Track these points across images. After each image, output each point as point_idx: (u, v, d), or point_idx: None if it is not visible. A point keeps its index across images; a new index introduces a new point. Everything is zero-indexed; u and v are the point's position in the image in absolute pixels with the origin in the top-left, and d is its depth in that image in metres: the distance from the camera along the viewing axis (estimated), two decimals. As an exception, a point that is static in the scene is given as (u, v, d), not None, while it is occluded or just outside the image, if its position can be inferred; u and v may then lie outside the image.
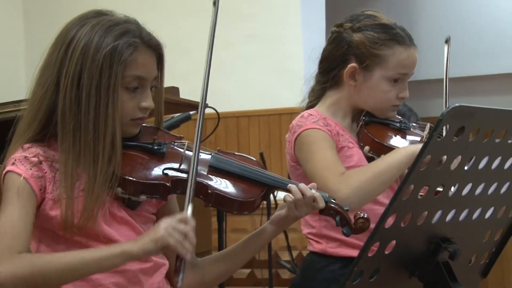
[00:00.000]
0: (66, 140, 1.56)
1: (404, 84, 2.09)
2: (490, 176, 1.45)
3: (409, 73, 2.08)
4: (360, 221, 1.62)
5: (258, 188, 1.64)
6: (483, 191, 1.46)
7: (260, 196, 1.63)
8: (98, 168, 1.54)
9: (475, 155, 1.39)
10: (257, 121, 5.61)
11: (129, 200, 1.60)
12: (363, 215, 1.62)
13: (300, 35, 5.52)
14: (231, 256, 1.76)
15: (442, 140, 1.30)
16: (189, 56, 5.69)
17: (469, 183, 1.42)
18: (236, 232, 4.38)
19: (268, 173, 1.68)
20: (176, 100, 2.82)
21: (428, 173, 1.32)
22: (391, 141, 2.07)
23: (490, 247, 1.62)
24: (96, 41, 1.56)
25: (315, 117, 2.05)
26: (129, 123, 1.62)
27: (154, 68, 1.64)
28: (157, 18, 5.42)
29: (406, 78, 2.09)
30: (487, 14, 7.32)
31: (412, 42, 2.08)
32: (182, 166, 1.61)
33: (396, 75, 2.06)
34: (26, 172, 1.53)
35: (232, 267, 1.77)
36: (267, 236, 1.71)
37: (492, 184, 1.47)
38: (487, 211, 1.52)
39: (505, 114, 1.40)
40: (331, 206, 1.64)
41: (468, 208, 1.47)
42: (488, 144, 1.38)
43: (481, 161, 1.40)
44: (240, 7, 5.71)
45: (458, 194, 1.41)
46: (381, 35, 2.05)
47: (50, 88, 1.58)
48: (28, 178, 1.52)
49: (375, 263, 1.39)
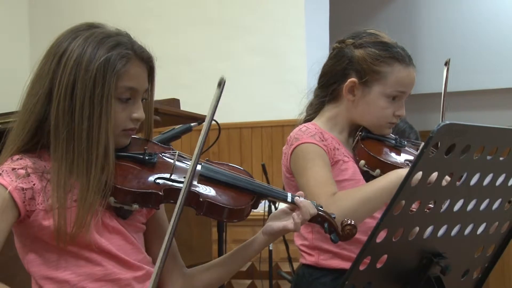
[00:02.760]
0: (59, 149, 1.58)
1: (402, 102, 2.12)
2: (482, 192, 1.46)
3: (407, 92, 2.12)
4: (347, 228, 1.65)
5: (248, 196, 1.67)
6: (475, 207, 1.47)
7: (250, 204, 1.67)
8: (91, 177, 1.56)
9: (466, 171, 1.40)
10: (260, 132, 5.63)
11: (121, 209, 1.63)
12: (350, 221, 1.65)
13: (304, 48, 5.55)
14: (221, 265, 1.77)
15: (434, 157, 1.31)
16: (192, 67, 5.73)
17: (460, 199, 1.44)
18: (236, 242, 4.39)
19: (257, 181, 1.71)
20: (177, 112, 2.85)
21: (420, 189, 1.34)
22: (387, 156, 2.09)
23: (483, 262, 1.63)
24: (89, 53, 1.58)
25: (312, 131, 2.07)
26: (121, 133, 1.65)
27: (146, 80, 1.67)
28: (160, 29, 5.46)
29: (403, 96, 2.12)
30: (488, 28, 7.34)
31: (411, 62, 2.12)
32: (173, 176, 1.64)
33: (394, 92, 2.09)
34: (11, 183, 1.54)
35: (222, 276, 1.78)
36: (257, 246, 1.73)
37: (484, 200, 1.48)
38: (479, 227, 1.53)
39: (496, 132, 1.42)
40: (318, 214, 1.67)
41: (460, 223, 1.48)
42: (480, 161, 1.40)
43: (472, 177, 1.42)
44: (245, 19, 5.75)
45: (450, 210, 1.43)
46: (382, 52, 2.08)
47: (41, 98, 1.60)
48: (12, 190, 1.53)
49: (367, 277, 1.40)
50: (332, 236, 1.66)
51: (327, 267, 2.08)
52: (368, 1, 7.89)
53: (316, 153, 2.03)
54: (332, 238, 1.66)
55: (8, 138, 1.64)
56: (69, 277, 1.58)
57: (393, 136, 2.19)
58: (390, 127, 2.16)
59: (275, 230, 1.69)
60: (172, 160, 1.69)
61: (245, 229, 4.69)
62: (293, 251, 4.38)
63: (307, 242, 2.12)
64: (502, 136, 1.43)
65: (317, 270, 2.10)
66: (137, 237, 1.69)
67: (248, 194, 1.67)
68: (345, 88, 2.11)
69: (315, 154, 2.03)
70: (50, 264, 1.59)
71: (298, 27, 5.60)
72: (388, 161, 2.06)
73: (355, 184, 2.06)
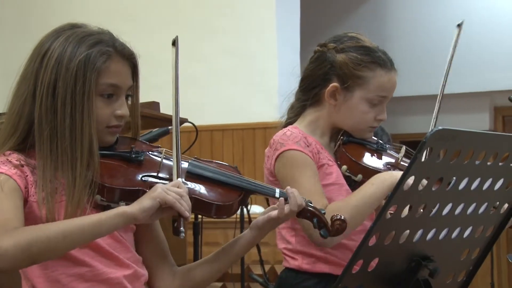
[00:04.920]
0: (43, 147, 1.59)
1: (383, 106, 2.13)
2: (470, 196, 1.50)
3: (388, 96, 2.13)
4: (337, 223, 1.66)
5: (236, 192, 1.69)
6: (462, 211, 1.51)
7: (238, 200, 1.68)
8: (77, 173, 1.57)
9: (456, 176, 1.43)
10: (231, 135, 5.64)
11: (108, 207, 1.62)
12: (339, 216, 1.66)
13: (275, 51, 5.57)
14: (211, 262, 1.78)
15: (425, 162, 1.34)
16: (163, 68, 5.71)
17: (449, 203, 1.47)
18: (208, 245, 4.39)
19: (245, 178, 1.73)
20: (155, 115, 2.84)
21: (411, 194, 1.37)
22: (368, 161, 2.11)
23: (468, 265, 1.66)
24: (70, 51, 1.60)
25: (297, 136, 2.07)
26: (105, 130, 1.65)
27: (128, 77, 1.68)
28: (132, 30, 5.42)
29: (385, 101, 2.13)
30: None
31: (393, 66, 2.13)
32: (160, 174, 1.65)
33: (376, 97, 2.10)
34: (9, 171, 1.55)
35: (212, 274, 1.79)
36: (245, 241, 1.74)
37: (471, 204, 1.52)
38: (465, 230, 1.56)
39: (485, 137, 1.45)
40: (308, 209, 1.68)
41: (448, 227, 1.51)
42: (469, 166, 1.43)
43: (461, 182, 1.45)
44: (215, 21, 5.75)
45: (439, 213, 1.46)
46: (364, 57, 2.09)
47: (28, 99, 1.61)
48: (12, 175, 1.54)
49: (359, 280, 1.43)
50: (322, 232, 1.67)
51: (310, 271, 2.08)
52: (338, 4, 7.95)
53: (304, 162, 2.04)
54: (322, 234, 1.67)
55: None
56: (60, 277, 1.59)
57: (375, 139, 2.21)
58: (371, 131, 2.18)
59: (261, 222, 1.71)
60: (159, 158, 1.70)
61: (216, 232, 4.69)
62: (265, 254, 4.39)
63: (290, 246, 2.13)
64: (491, 141, 1.47)
65: (300, 274, 2.10)
66: (125, 237, 1.68)
67: (236, 190, 1.69)
68: (327, 92, 2.11)
69: (303, 163, 2.03)
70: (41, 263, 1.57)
71: (269, 29, 5.62)
72: (370, 166, 2.08)
73: (339, 188, 2.07)
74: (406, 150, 2.19)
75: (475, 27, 7.36)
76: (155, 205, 1.48)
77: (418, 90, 6.29)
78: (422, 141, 1.31)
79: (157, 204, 1.48)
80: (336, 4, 7.94)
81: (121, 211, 1.49)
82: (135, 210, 1.48)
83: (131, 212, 1.48)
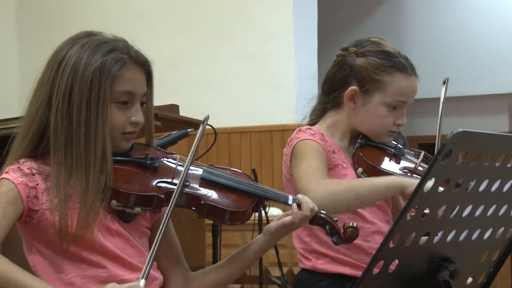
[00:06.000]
0: (58, 153, 1.62)
1: (402, 111, 2.14)
2: (490, 198, 1.50)
3: (408, 101, 2.14)
4: (349, 230, 1.67)
5: (249, 199, 1.70)
6: (483, 212, 1.51)
7: (251, 206, 1.70)
8: (90, 179, 1.60)
9: (475, 178, 1.44)
10: (248, 137, 5.65)
11: (123, 212, 1.66)
12: (352, 224, 1.68)
13: (292, 53, 5.58)
14: (224, 267, 1.79)
15: (445, 164, 1.35)
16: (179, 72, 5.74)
17: (469, 205, 1.47)
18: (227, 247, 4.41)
19: (259, 185, 1.74)
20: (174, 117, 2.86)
21: (431, 195, 1.37)
22: (385, 165, 2.11)
23: (488, 267, 1.67)
24: (85, 58, 1.63)
25: (313, 131, 2.11)
26: (120, 137, 1.68)
27: (143, 84, 1.71)
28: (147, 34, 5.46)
29: (404, 106, 2.14)
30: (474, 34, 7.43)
31: (414, 72, 2.14)
32: (175, 180, 1.67)
33: (394, 101, 2.11)
34: (16, 179, 1.58)
35: (225, 279, 1.79)
36: (258, 247, 1.75)
37: (491, 206, 1.52)
38: (486, 232, 1.57)
39: (505, 139, 1.46)
40: (320, 216, 1.69)
41: (468, 229, 1.52)
42: (489, 168, 1.43)
43: (481, 184, 1.46)
44: (233, 24, 5.77)
45: (459, 215, 1.47)
46: (383, 61, 2.11)
47: (42, 105, 1.65)
48: (17, 184, 1.58)
49: (379, 281, 1.43)
50: (334, 239, 1.68)
51: (324, 272, 2.10)
52: (355, 7, 7.94)
53: (313, 148, 2.07)
54: (334, 241, 1.68)
55: (12, 145, 1.68)
56: (74, 279, 1.61)
57: (394, 143, 2.21)
58: (390, 136, 2.18)
59: (274, 228, 1.72)
60: (173, 165, 1.72)
61: (235, 234, 4.70)
62: (283, 256, 4.40)
63: (305, 245, 2.15)
64: (511, 143, 1.47)
65: (315, 275, 2.12)
66: (140, 242, 1.71)
67: (249, 197, 1.71)
68: (346, 96, 2.13)
69: (311, 148, 2.06)
70: (55, 267, 1.61)
71: (286, 32, 5.63)
72: (385, 170, 2.09)
73: None
74: (425, 155, 2.19)
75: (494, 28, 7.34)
76: None
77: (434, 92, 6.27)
78: (442, 143, 1.32)
79: None
80: (353, 6, 7.94)
81: None
82: None
83: None
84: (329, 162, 2.09)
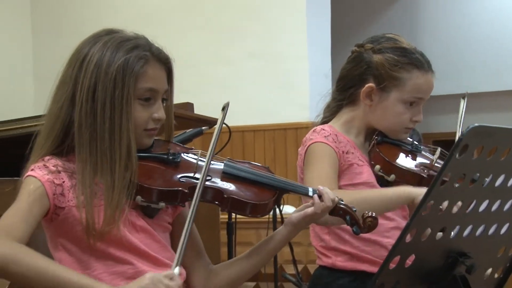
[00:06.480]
0: (83, 151, 1.63)
1: (419, 108, 2.13)
2: (506, 193, 1.50)
3: (425, 98, 2.13)
4: (369, 220, 1.68)
5: (270, 191, 1.72)
6: (499, 207, 1.51)
7: (273, 199, 1.71)
8: (115, 176, 1.61)
9: (492, 173, 1.44)
10: (262, 136, 5.66)
11: (148, 208, 1.67)
12: (371, 213, 1.69)
13: (305, 52, 5.59)
14: (246, 259, 1.79)
15: (461, 158, 1.35)
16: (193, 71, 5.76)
17: (486, 200, 1.48)
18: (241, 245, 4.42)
19: (279, 177, 1.76)
20: (189, 116, 2.88)
21: (448, 190, 1.38)
22: (402, 162, 2.11)
23: (504, 262, 1.67)
24: (108, 56, 1.64)
25: (327, 132, 2.11)
26: (143, 133, 1.69)
27: (165, 81, 1.72)
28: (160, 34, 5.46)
29: (421, 102, 2.13)
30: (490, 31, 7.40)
31: (430, 68, 2.12)
32: (197, 174, 1.69)
33: (411, 98, 2.10)
34: (43, 176, 1.59)
35: (247, 271, 1.79)
36: (280, 237, 1.75)
37: (508, 201, 1.52)
38: (502, 227, 1.57)
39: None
40: (340, 207, 1.71)
41: (485, 224, 1.52)
42: (505, 163, 1.44)
43: (497, 178, 1.46)
44: (246, 23, 5.78)
45: (475, 210, 1.47)
46: (401, 58, 2.09)
47: (65, 103, 1.65)
48: (44, 181, 1.58)
49: (395, 276, 1.44)
50: (354, 229, 1.69)
51: (344, 269, 2.10)
52: (369, 5, 7.94)
53: (325, 152, 2.07)
54: (354, 230, 1.69)
55: (35, 143, 1.68)
56: (101, 276, 1.62)
57: (410, 140, 2.21)
58: (406, 132, 2.17)
59: (296, 219, 1.72)
60: (194, 160, 1.74)
61: (250, 232, 4.71)
62: (298, 253, 4.40)
63: (324, 243, 2.15)
64: (527, 138, 1.47)
65: (334, 272, 2.12)
66: (164, 237, 1.72)
67: (271, 190, 1.72)
68: (363, 93, 2.12)
69: (324, 152, 2.07)
70: (82, 263, 1.62)
71: (299, 31, 5.63)
72: (403, 166, 2.08)
73: (370, 188, 2.09)
74: (441, 152, 2.19)
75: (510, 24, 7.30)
76: None
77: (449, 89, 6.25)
78: (458, 138, 1.32)
79: None
80: (367, 4, 7.93)
81: None
82: None
83: None
84: (343, 163, 2.09)
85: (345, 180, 2.10)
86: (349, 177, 2.09)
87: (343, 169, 2.09)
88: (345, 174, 2.09)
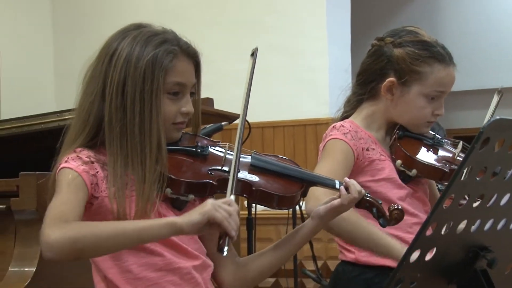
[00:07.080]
0: (113, 144, 1.64)
1: (441, 101, 2.11)
2: (528, 187, 1.49)
3: (446, 91, 2.11)
4: (395, 212, 1.69)
5: (298, 184, 1.74)
6: (520, 201, 1.50)
7: (300, 191, 1.73)
8: (146, 170, 1.62)
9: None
10: (282, 132, 5.66)
11: (177, 200, 1.68)
12: (397, 206, 1.70)
13: (325, 47, 5.57)
14: (273, 251, 1.80)
15: (483, 152, 1.34)
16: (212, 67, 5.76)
17: (507, 193, 1.46)
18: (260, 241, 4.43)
19: (306, 170, 1.78)
20: (209, 111, 2.88)
21: (468, 183, 1.37)
22: (423, 156, 2.10)
23: (526, 256, 1.65)
24: (137, 50, 1.65)
25: (346, 129, 2.09)
26: (172, 127, 1.70)
27: (193, 75, 1.73)
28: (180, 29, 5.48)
29: (443, 95, 2.11)
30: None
31: (452, 61, 2.10)
32: (225, 167, 1.70)
33: (433, 92, 2.08)
34: (78, 167, 1.60)
35: (274, 263, 1.80)
36: (307, 230, 1.76)
37: (529, 194, 1.51)
38: (524, 220, 1.55)
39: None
40: (367, 199, 1.71)
41: (506, 217, 1.51)
42: (527, 156, 1.42)
43: (519, 172, 1.44)
44: (266, 19, 5.78)
45: (497, 203, 1.45)
46: (422, 52, 2.07)
47: (97, 97, 1.67)
48: (80, 172, 1.59)
49: (416, 270, 1.43)
50: (380, 221, 1.71)
51: (367, 264, 2.09)
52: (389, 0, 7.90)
53: (340, 149, 2.06)
54: (381, 223, 1.71)
55: (66, 137, 1.70)
56: (132, 267, 1.63)
57: (432, 134, 2.19)
58: (428, 126, 2.16)
59: (323, 211, 1.73)
60: (221, 153, 1.75)
61: (269, 228, 4.72)
62: (317, 250, 4.40)
63: None
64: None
65: (357, 267, 2.11)
66: None
67: (298, 182, 1.74)
68: (384, 87, 2.11)
69: (338, 149, 2.07)
70: (113, 255, 1.62)
71: (319, 26, 5.62)
72: (425, 161, 2.07)
73: (391, 183, 2.09)
74: (463, 145, 2.17)
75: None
76: (203, 220, 1.49)
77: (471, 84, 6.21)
78: (479, 131, 1.31)
79: (205, 220, 1.49)
80: (386, 0, 7.90)
81: (171, 222, 1.51)
82: (183, 223, 1.50)
83: (180, 224, 1.50)
84: (362, 160, 2.08)
85: (367, 176, 2.09)
86: (371, 174, 2.08)
87: (364, 166, 2.09)
88: (367, 170, 2.09)
